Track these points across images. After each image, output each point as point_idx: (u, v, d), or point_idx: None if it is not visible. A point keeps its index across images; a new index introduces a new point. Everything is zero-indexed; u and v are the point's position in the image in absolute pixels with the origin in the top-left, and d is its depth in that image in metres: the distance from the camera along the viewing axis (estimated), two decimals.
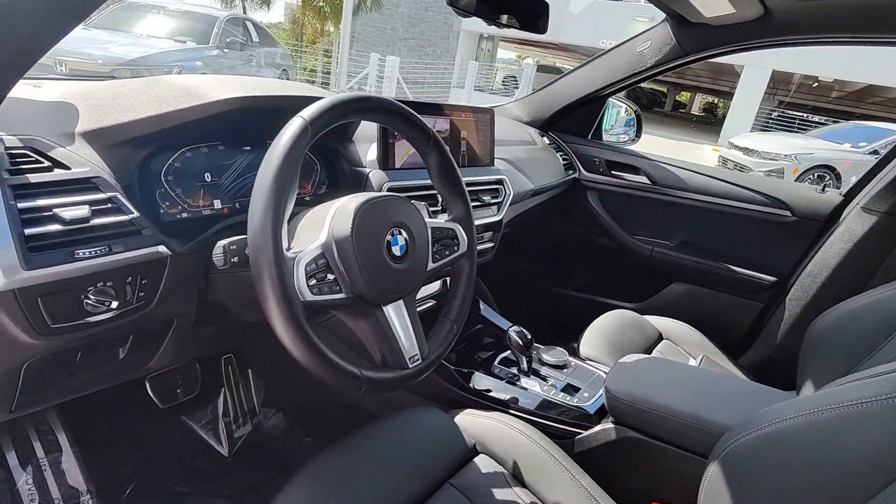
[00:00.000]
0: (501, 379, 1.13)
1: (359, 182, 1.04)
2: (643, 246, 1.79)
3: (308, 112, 0.67)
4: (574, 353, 1.28)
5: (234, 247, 0.67)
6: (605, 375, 1.16)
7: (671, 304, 1.78)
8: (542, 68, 18.37)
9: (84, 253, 0.65)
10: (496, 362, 1.18)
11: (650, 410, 0.90)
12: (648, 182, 1.77)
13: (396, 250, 0.73)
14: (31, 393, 0.76)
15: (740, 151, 8.63)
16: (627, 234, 1.82)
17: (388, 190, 1.03)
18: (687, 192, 1.72)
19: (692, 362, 1.42)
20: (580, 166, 1.85)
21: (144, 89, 0.79)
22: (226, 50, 6.58)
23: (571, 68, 1.80)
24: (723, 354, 1.48)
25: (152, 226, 0.73)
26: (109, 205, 0.69)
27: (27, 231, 0.61)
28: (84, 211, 0.66)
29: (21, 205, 0.62)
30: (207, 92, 0.77)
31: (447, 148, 0.86)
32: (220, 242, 0.67)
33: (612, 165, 1.83)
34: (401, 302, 0.76)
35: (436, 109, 1.18)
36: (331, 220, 0.70)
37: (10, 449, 1.03)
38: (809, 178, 8.01)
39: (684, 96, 32.50)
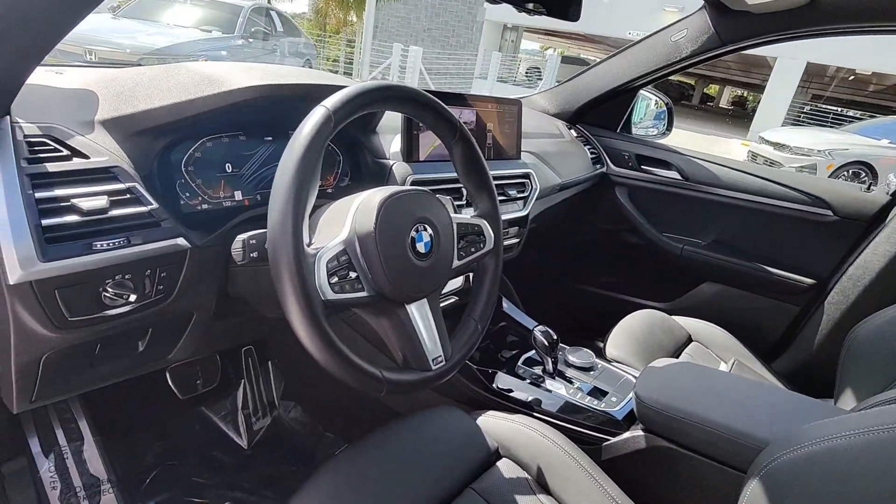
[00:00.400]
0: (525, 380, 1.09)
1: (382, 174, 1.01)
2: (673, 244, 1.73)
3: (331, 101, 0.64)
4: (600, 353, 1.24)
5: (254, 241, 0.65)
6: (633, 379, 1.12)
7: (701, 305, 1.71)
8: (566, 59, 18.07)
9: (102, 245, 0.64)
10: (520, 362, 1.14)
11: (683, 419, 0.86)
12: (680, 177, 1.71)
13: (421, 247, 0.70)
14: (51, 384, 0.75)
15: (771, 146, 8.36)
16: (657, 231, 1.76)
17: (412, 183, 1.00)
18: (720, 188, 1.65)
19: (723, 366, 1.37)
20: (608, 160, 1.80)
21: (165, 77, 0.77)
22: (250, 40, 6.61)
23: (601, 59, 1.74)
24: (755, 359, 1.42)
25: (172, 217, 0.72)
26: (128, 195, 0.68)
27: (44, 222, 0.60)
28: (102, 201, 0.64)
29: (39, 194, 0.61)
30: (229, 80, 0.75)
31: (474, 140, 0.82)
32: (239, 236, 0.65)
33: (642, 160, 1.77)
34: (424, 300, 0.73)
35: (462, 100, 1.14)
36: (353, 214, 0.67)
37: (34, 436, 1.04)
38: (844, 175, 7.74)
39: (713, 89, 31.68)
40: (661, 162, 1.74)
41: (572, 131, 1.76)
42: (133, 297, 0.68)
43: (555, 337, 1.09)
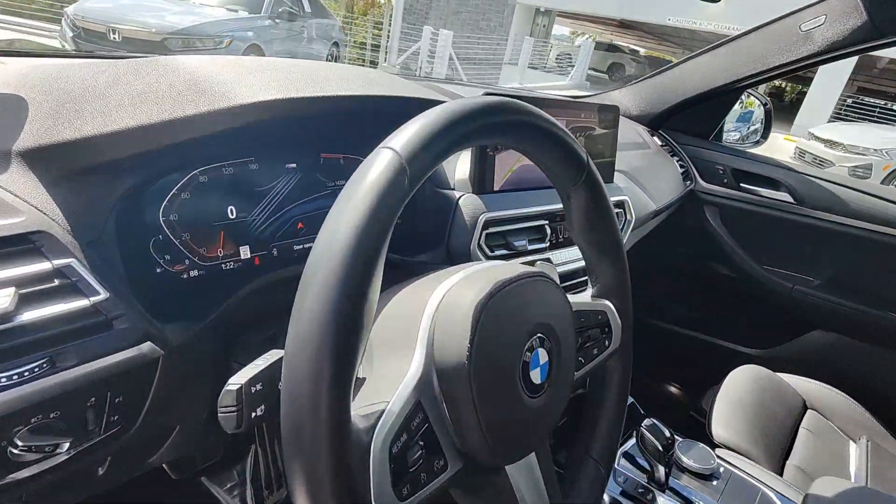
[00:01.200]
0: (628, 494, 0.81)
1: (445, 210, 0.73)
2: (778, 280, 1.41)
3: (401, 142, 0.35)
4: (692, 410, 0.96)
5: (258, 387, 0.37)
6: (772, 496, 0.83)
7: (808, 358, 1.41)
8: (598, 46, 17.47)
9: (1, 378, 0.37)
10: (618, 462, 0.86)
11: None
12: (791, 200, 1.39)
13: (536, 376, 0.42)
14: None
15: (822, 143, 7.82)
16: (756, 263, 1.45)
17: (486, 223, 0.72)
18: (843, 216, 1.33)
19: (853, 448, 1.08)
20: (697, 174, 1.48)
21: (134, 78, 0.49)
22: (277, 20, 6.37)
23: (696, 51, 1.41)
24: (888, 434, 1.13)
25: (133, 309, 0.45)
26: (56, 282, 0.41)
27: None
28: (5, 300, 0.38)
29: None
30: (231, 90, 0.47)
31: (602, 182, 0.53)
32: (229, 384, 0.37)
33: (740, 176, 1.45)
34: (532, 455, 0.45)
35: (549, 106, 0.85)
36: (429, 327, 0.39)
37: None
38: None
39: None
40: (767, 179, 1.42)
41: (656, 139, 1.45)
42: (66, 445, 0.42)
43: (668, 434, 0.80)
